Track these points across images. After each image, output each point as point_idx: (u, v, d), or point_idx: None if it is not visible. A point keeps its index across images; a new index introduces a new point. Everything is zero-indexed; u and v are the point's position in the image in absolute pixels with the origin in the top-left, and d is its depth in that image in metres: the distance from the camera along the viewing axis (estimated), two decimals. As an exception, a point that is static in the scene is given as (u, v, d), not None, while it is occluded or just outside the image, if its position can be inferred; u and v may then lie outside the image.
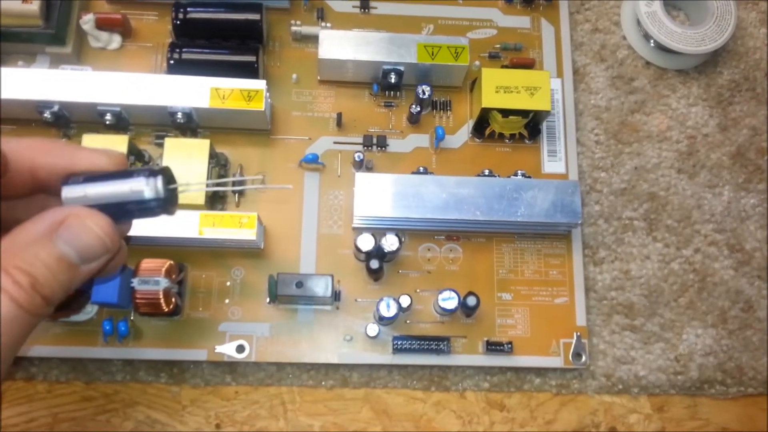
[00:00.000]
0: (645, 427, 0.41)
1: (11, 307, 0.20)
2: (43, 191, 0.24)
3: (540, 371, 0.41)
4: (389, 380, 0.40)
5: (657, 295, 0.43)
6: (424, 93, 0.42)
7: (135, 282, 0.36)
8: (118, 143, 0.39)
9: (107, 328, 0.38)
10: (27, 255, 0.21)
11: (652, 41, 0.46)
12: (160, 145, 0.41)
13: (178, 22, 0.42)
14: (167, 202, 0.24)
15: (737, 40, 0.48)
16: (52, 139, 0.24)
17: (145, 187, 0.24)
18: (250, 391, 0.40)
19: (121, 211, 0.24)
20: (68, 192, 0.23)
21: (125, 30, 0.43)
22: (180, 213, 0.32)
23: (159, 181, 0.24)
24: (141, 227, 0.35)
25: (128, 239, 0.28)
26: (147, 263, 0.37)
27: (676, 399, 0.42)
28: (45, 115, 0.39)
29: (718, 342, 0.42)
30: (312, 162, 0.42)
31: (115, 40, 0.43)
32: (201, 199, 0.39)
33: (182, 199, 0.26)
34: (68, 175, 0.24)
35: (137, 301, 0.37)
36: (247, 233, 0.38)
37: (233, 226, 0.38)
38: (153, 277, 0.37)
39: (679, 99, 0.46)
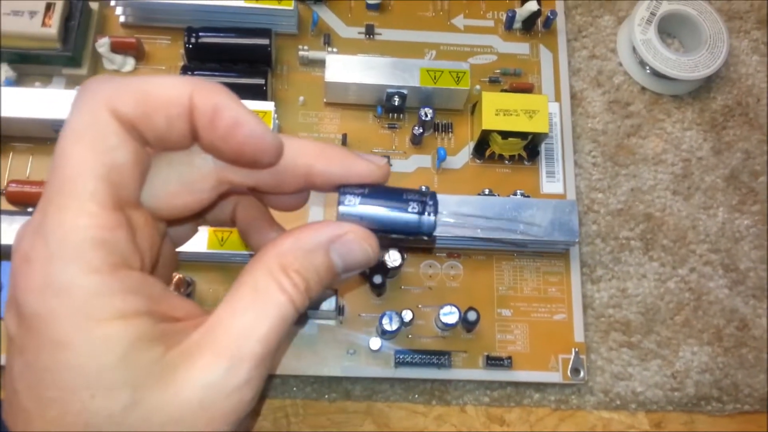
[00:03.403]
0: (643, 444, 0.42)
1: (289, 307, 0.22)
2: (311, 189, 0.26)
3: (539, 386, 0.42)
4: (391, 393, 0.41)
5: (653, 313, 0.44)
6: (426, 115, 0.44)
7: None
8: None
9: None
10: (305, 260, 0.23)
11: (647, 67, 0.48)
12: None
13: (190, 46, 0.43)
14: (434, 226, 0.26)
15: (730, 67, 0.50)
16: (329, 145, 0.25)
17: (419, 222, 0.26)
18: (260, 402, 0.41)
19: (386, 228, 0.26)
20: (346, 210, 0.25)
21: (139, 53, 0.45)
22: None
23: (433, 216, 0.26)
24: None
25: None
26: (157, 276, 0.38)
27: (673, 415, 0.43)
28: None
29: (714, 359, 0.43)
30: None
31: (129, 63, 0.45)
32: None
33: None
34: (343, 186, 0.25)
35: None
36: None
37: (241, 249, 0.39)
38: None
39: (674, 123, 0.48)
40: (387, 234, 0.26)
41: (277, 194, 0.26)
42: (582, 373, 0.41)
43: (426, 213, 0.26)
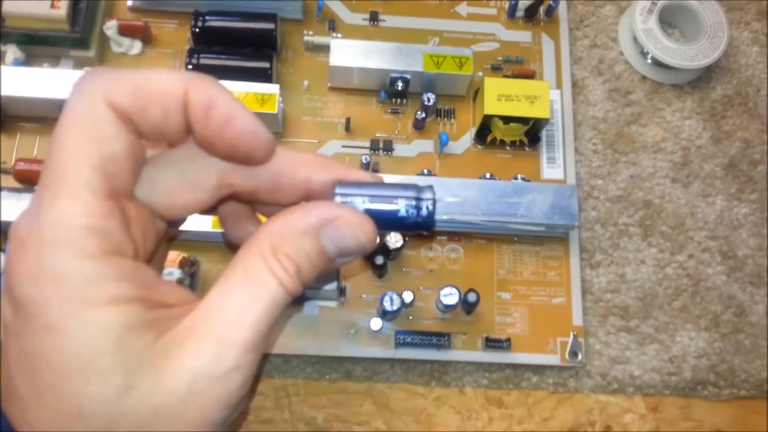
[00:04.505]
0: (639, 427, 0.42)
1: (281, 291, 0.22)
2: (308, 200, 0.26)
3: (537, 369, 0.42)
4: (391, 374, 0.42)
5: (651, 299, 0.44)
6: (429, 100, 0.44)
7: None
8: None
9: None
10: (295, 244, 0.23)
11: (648, 57, 0.48)
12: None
13: (197, 30, 0.44)
14: (432, 221, 0.25)
15: (730, 57, 0.50)
16: (323, 155, 0.26)
17: (416, 203, 0.25)
18: (256, 382, 0.41)
19: (384, 222, 0.25)
20: (342, 195, 0.25)
21: (146, 36, 0.45)
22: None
23: (429, 200, 0.25)
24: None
25: None
26: (161, 254, 0.39)
27: (669, 400, 0.43)
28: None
29: (711, 345, 0.44)
30: (321, 164, 0.43)
31: (136, 46, 0.45)
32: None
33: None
34: (339, 183, 0.25)
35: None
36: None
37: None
38: (167, 268, 0.39)
39: (673, 112, 0.48)
40: (383, 225, 0.25)
41: (274, 204, 0.26)
42: (580, 356, 0.42)
43: (424, 194, 0.25)
